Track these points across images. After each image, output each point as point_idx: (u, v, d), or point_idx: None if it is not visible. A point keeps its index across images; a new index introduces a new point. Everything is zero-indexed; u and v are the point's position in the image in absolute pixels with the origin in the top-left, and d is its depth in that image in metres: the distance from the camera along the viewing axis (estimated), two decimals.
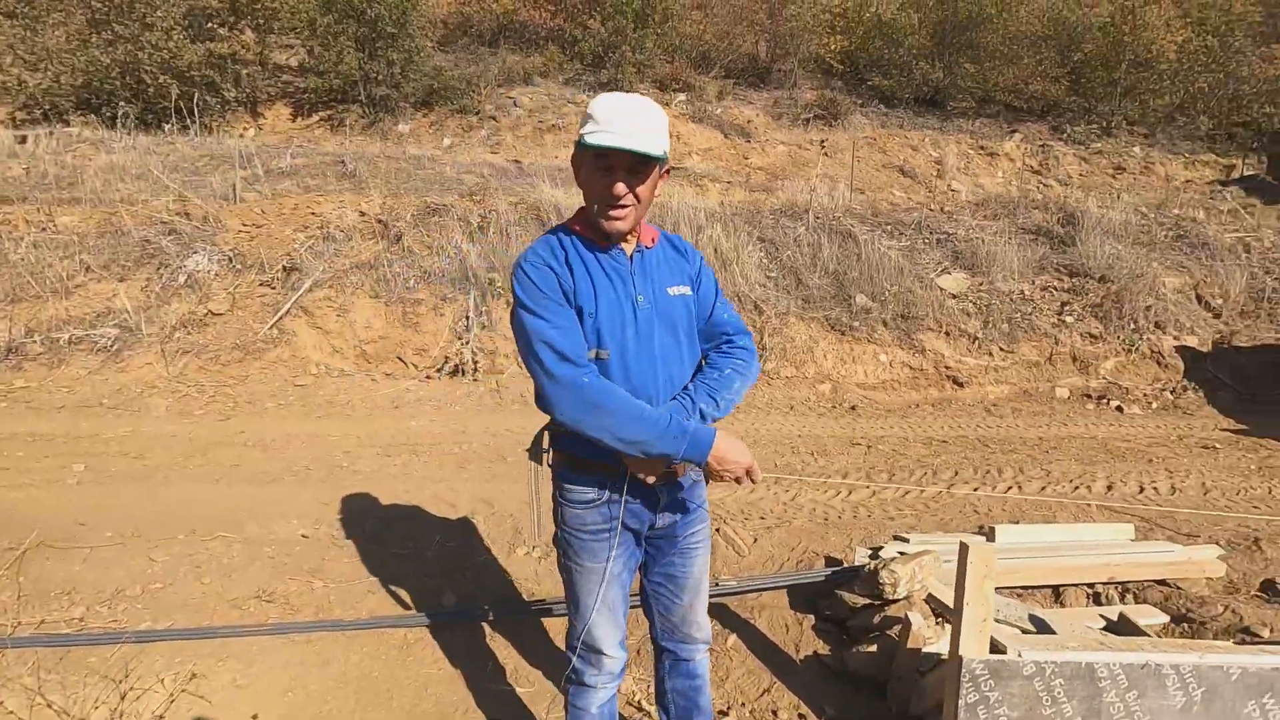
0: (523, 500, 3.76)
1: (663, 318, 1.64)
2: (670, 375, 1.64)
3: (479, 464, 4.45)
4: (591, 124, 1.49)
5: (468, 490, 3.90)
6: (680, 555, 1.76)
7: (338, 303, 6.44)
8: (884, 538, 3.30)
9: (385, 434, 5.01)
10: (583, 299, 1.56)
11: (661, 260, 1.71)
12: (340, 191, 8.12)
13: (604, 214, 1.54)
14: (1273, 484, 4.37)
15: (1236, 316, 7.36)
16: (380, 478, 4.11)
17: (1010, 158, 15.36)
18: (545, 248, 1.60)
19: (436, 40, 15.49)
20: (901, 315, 6.80)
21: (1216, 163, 15.71)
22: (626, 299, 1.60)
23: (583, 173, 1.57)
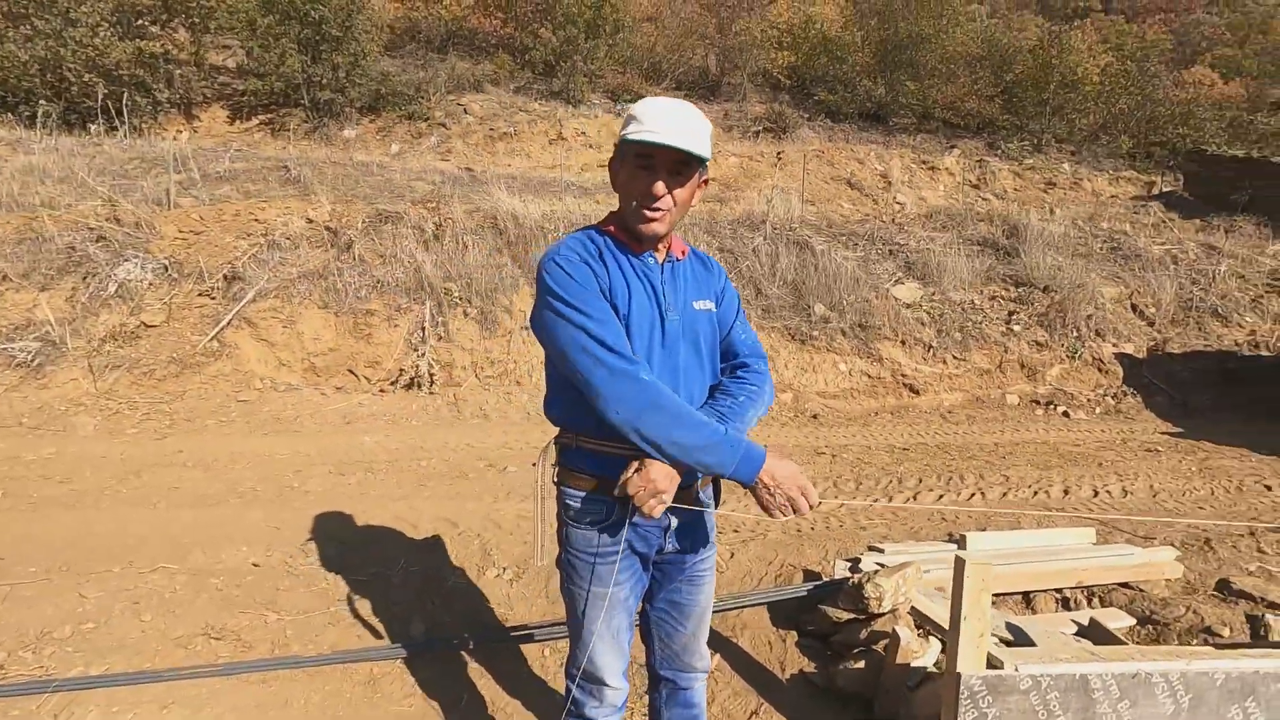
0: (489, 519, 3.62)
1: (688, 332, 1.58)
2: (690, 393, 1.57)
3: (439, 481, 4.27)
4: (635, 124, 1.43)
5: (429, 509, 3.73)
6: (688, 582, 1.68)
7: (284, 313, 6.13)
8: (859, 549, 3.29)
9: (338, 451, 4.77)
10: (617, 297, 1.48)
11: (690, 274, 1.66)
12: (285, 197, 7.78)
13: (640, 214, 1.47)
14: (1213, 485, 4.57)
15: (1168, 325, 7.75)
16: (335, 498, 3.89)
17: (950, 172, 15.93)
18: (578, 243, 1.52)
19: (383, 45, 15.14)
20: (859, 325, 6.91)
21: (1138, 179, 16.66)
22: (655, 308, 1.53)
23: (622, 173, 1.50)
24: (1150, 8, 47.91)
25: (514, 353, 6.36)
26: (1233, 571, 3.24)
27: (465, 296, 6.52)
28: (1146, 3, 49.04)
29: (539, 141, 13.97)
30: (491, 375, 6.27)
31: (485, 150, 13.84)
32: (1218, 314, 7.93)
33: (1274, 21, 40.60)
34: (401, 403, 5.80)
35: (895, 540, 3.53)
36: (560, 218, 7.45)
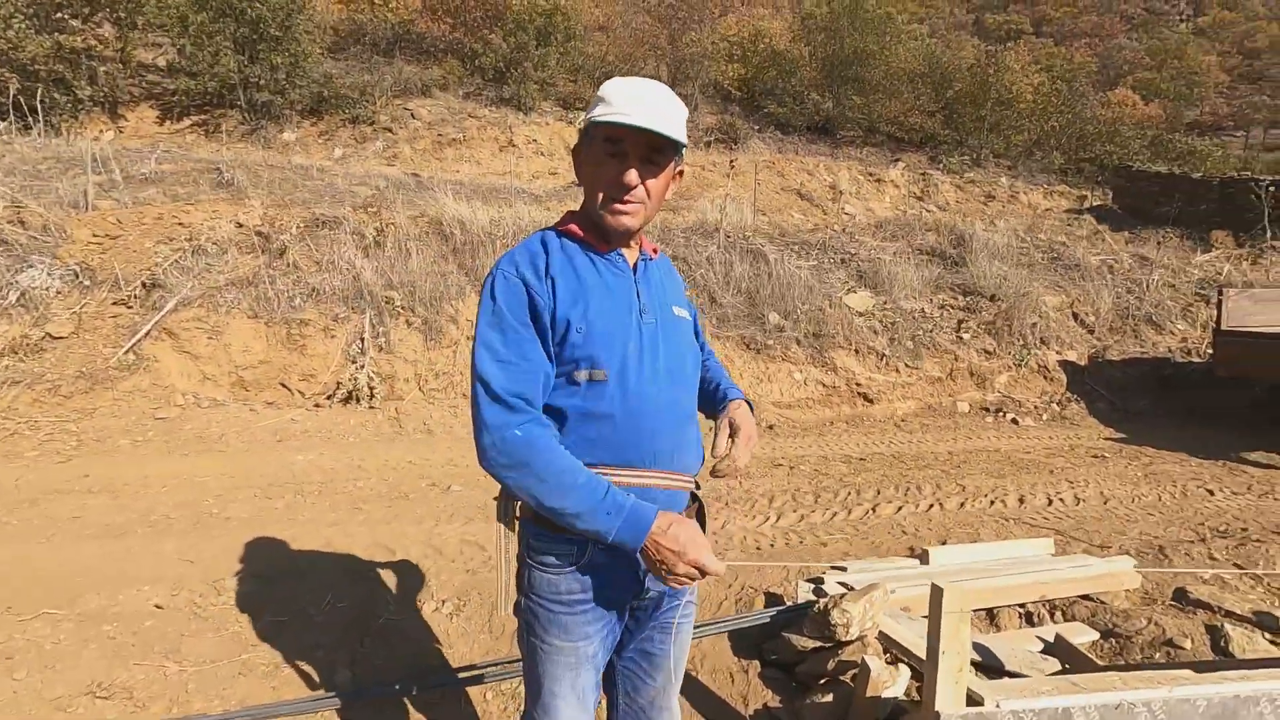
0: (429, 545, 3.36)
1: (669, 336, 1.41)
2: (676, 400, 1.39)
3: (377, 503, 3.98)
4: (603, 105, 1.28)
5: (364, 535, 3.44)
6: (662, 630, 1.48)
7: (209, 323, 5.72)
8: (822, 568, 3.16)
9: (266, 471, 4.42)
10: (569, 310, 1.30)
11: (663, 275, 1.50)
12: (215, 201, 7.32)
13: (609, 207, 1.32)
14: (1159, 491, 4.63)
15: (1107, 332, 7.97)
16: (259, 524, 3.57)
17: (895, 184, 16.28)
18: (524, 253, 1.35)
19: (326, 47, 14.62)
20: (813, 333, 6.87)
21: (1070, 193, 17.36)
22: (629, 310, 1.36)
23: (588, 161, 1.35)
24: (1076, 32, 50.51)
25: (460, 364, 6.08)
26: (1188, 580, 3.23)
27: (408, 305, 6.22)
28: (1073, 28, 51.71)
29: (489, 148, 13.67)
30: (436, 388, 5.97)
31: (433, 156, 13.46)
32: (1152, 322, 8.19)
33: (1187, 48, 43.32)
34: (338, 418, 5.46)
35: (857, 556, 3.42)
36: (509, 224, 7.21)
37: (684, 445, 1.41)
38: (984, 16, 52.10)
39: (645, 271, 1.43)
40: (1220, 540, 3.64)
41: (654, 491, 1.33)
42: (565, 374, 1.31)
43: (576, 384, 1.30)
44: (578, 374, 1.30)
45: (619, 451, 1.31)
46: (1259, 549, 3.47)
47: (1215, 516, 4.13)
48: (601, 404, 1.30)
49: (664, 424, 1.35)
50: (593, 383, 1.30)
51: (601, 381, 1.29)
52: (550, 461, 1.23)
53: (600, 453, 1.30)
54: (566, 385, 1.31)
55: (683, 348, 1.45)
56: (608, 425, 1.30)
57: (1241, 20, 53.62)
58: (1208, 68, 43.85)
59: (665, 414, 1.35)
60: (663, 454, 1.35)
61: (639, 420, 1.31)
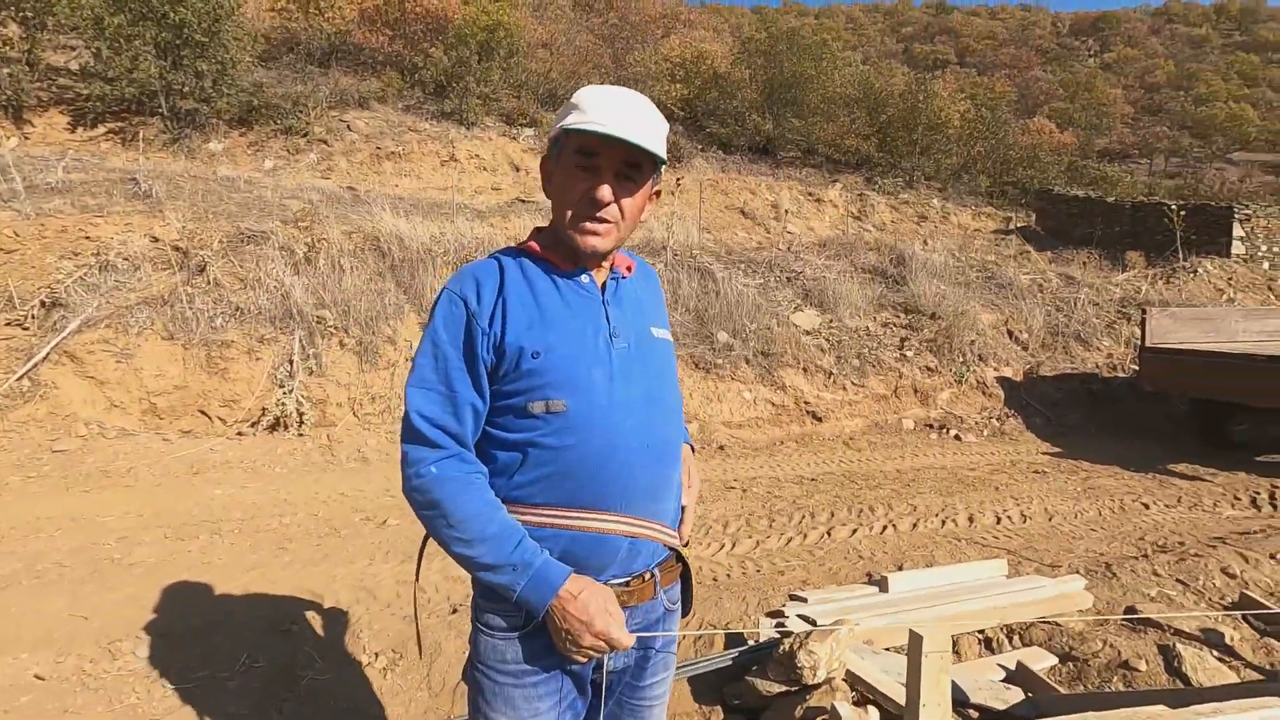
0: (362, 588, 3.10)
1: (646, 362, 1.26)
2: (654, 434, 1.23)
3: (304, 541, 3.68)
4: (576, 113, 1.14)
5: (289, 579, 3.15)
6: (632, 713, 1.31)
7: (118, 346, 5.27)
8: (779, 597, 3.05)
9: (179, 509, 4.05)
10: (520, 335, 1.16)
11: (640, 292, 1.34)
12: (129, 213, 6.82)
13: (578, 225, 1.18)
14: (1099, 505, 4.74)
15: (1040, 349, 8.25)
16: (167, 570, 3.22)
17: (834, 204, 16.70)
18: (473, 274, 1.22)
19: (257, 55, 14.03)
20: (762, 352, 6.85)
21: (996, 215, 18.17)
22: (597, 334, 1.21)
23: (557, 173, 1.22)
24: (997, 64, 53.45)
25: (398, 386, 5.77)
26: (1136, 597, 3.26)
27: (341, 325, 5.89)
28: (994, 59, 54.76)
29: (430, 162, 13.34)
30: (372, 413, 5.65)
31: (371, 170, 13.03)
32: (1080, 339, 8.54)
33: (1095, 81, 46.46)
34: (263, 447, 5.08)
35: (814, 584, 3.33)
36: (450, 241, 6.97)
37: (662, 488, 1.25)
38: (912, 46, 54.66)
39: (616, 291, 1.28)
40: (1162, 555, 3.71)
41: (615, 539, 1.18)
42: (520, 405, 1.17)
43: (534, 415, 1.16)
44: (533, 405, 1.16)
45: (580, 491, 1.16)
46: (1198, 563, 3.55)
47: (1153, 531, 4.24)
48: (563, 437, 1.15)
49: (638, 461, 1.19)
50: (551, 414, 1.15)
51: (561, 413, 1.15)
52: (461, 505, 1.12)
53: (558, 492, 1.16)
54: (523, 417, 1.17)
55: (662, 374, 1.29)
56: (568, 460, 1.15)
57: (1142, 57, 57.92)
58: (1114, 100, 47.10)
59: (640, 450, 1.20)
60: (635, 496, 1.19)
61: (608, 455, 1.16)
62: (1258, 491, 5.16)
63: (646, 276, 1.40)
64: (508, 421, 1.18)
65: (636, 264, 1.37)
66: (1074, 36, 61.20)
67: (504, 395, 1.18)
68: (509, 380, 1.16)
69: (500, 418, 1.19)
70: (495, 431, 1.19)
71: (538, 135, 14.78)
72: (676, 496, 1.30)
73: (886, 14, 64.29)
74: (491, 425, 1.20)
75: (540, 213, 10.25)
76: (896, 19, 62.34)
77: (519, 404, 1.16)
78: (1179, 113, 45.68)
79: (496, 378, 1.17)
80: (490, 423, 1.20)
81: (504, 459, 1.18)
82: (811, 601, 2.96)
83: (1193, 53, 57.55)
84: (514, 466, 1.17)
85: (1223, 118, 42.20)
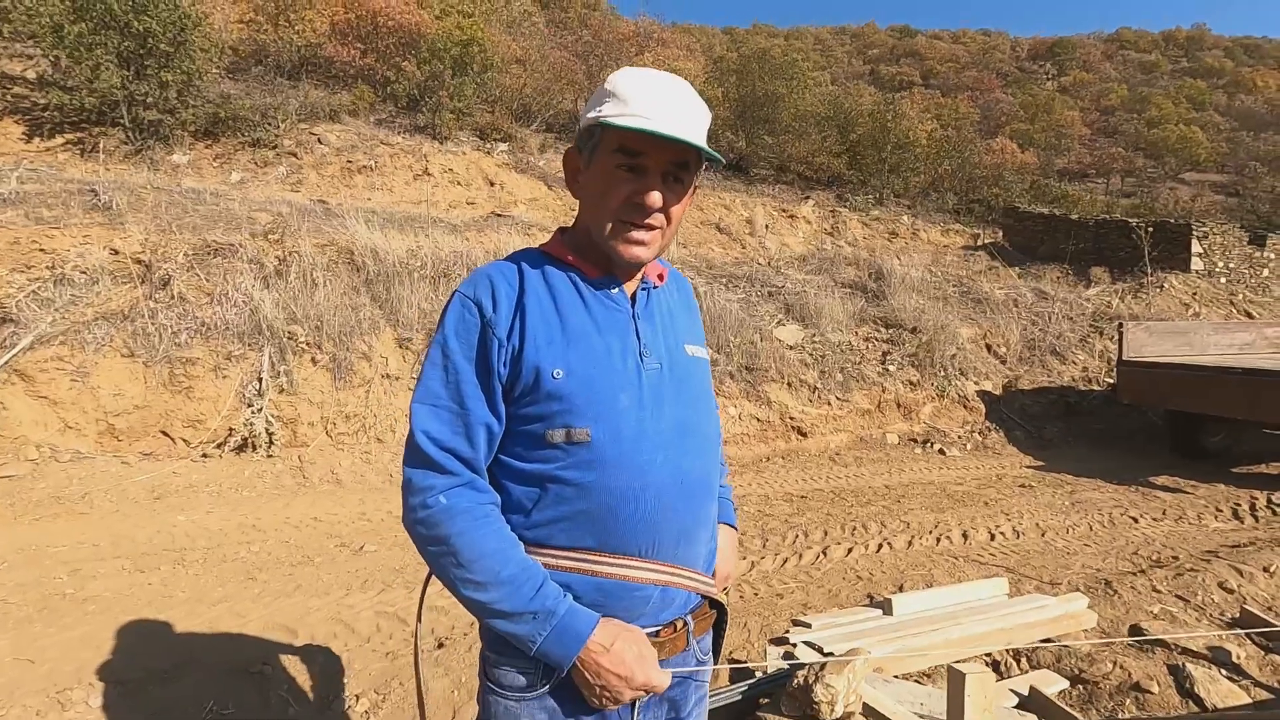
0: (338, 620, 2.90)
1: (680, 385, 1.11)
2: (688, 469, 1.08)
3: (275, 571, 3.46)
4: (615, 102, 1.00)
5: (259, 613, 2.94)
6: None
7: (73, 363, 4.98)
8: (781, 622, 2.93)
9: (138, 538, 3.79)
10: (541, 352, 1.02)
11: (674, 305, 1.20)
12: (88, 225, 6.51)
13: (621, 234, 1.04)
14: (1089, 520, 4.72)
15: (1018, 363, 8.33)
16: (126, 605, 2.99)
17: (808, 220, 16.86)
18: (490, 276, 1.06)
19: (225, 67, 13.72)
20: (746, 367, 6.78)
21: (964, 231, 18.53)
22: (625, 353, 1.07)
23: (593, 172, 1.06)
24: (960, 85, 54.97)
25: (373, 405, 5.57)
26: (1139, 615, 3.21)
27: (314, 341, 5.67)
28: (957, 81, 56.32)
29: (403, 176, 13.13)
30: (346, 432, 5.43)
31: (342, 183, 12.77)
32: (1056, 352, 8.64)
33: (1054, 103, 48.04)
34: (230, 470, 4.83)
35: (815, 607, 3.22)
36: (428, 254, 6.79)
37: (697, 530, 1.11)
38: (879, 68, 55.99)
39: (647, 304, 1.14)
40: (1158, 571, 3.68)
41: (646, 588, 1.04)
42: (538, 432, 1.03)
43: (553, 445, 1.02)
44: (553, 433, 1.02)
45: (606, 534, 1.03)
46: (1195, 578, 3.52)
47: (1145, 545, 4.22)
48: (585, 472, 1.01)
49: (670, 499, 1.05)
50: (573, 444, 1.01)
51: (584, 443, 1.01)
52: (474, 541, 0.98)
53: (581, 534, 1.03)
54: (540, 447, 1.03)
55: (698, 399, 1.15)
56: (593, 499, 1.02)
57: (1097, 81, 60.08)
58: (1072, 121, 48.71)
59: (673, 487, 1.06)
60: (667, 540, 1.06)
61: (637, 494, 1.02)
62: (1238, 503, 5.20)
63: (680, 287, 1.27)
64: (523, 450, 1.04)
65: (670, 272, 1.23)
66: (1032, 60, 63.29)
67: (519, 419, 1.04)
68: (525, 403, 1.03)
69: (514, 445, 1.05)
70: (509, 460, 1.05)
71: (511, 150, 14.70)
72: (713, 536, 1.16)
73: (853, 36, 65.86)
74: (505, 452, 1.06)
75: (516, 228, 10.11)
76: (863, 41, 63.89)
77: (537, 431, 1.03)
78: (1133, 134, 47.40)
79: (511, 398, 1.04)
80: (503, 449, 1.06)
81: (518, 494, 1.04)
82: (816, 627, 2.85)
83: (1144, 77, 59.92)
84: (530, 503, 1.03)
85: (1174, 139, 43.87)
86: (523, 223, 10.96)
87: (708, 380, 1.22)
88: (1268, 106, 51.02)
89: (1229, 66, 60.79)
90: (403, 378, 5.75)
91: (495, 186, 13.80)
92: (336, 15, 15.19)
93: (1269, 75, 57.97)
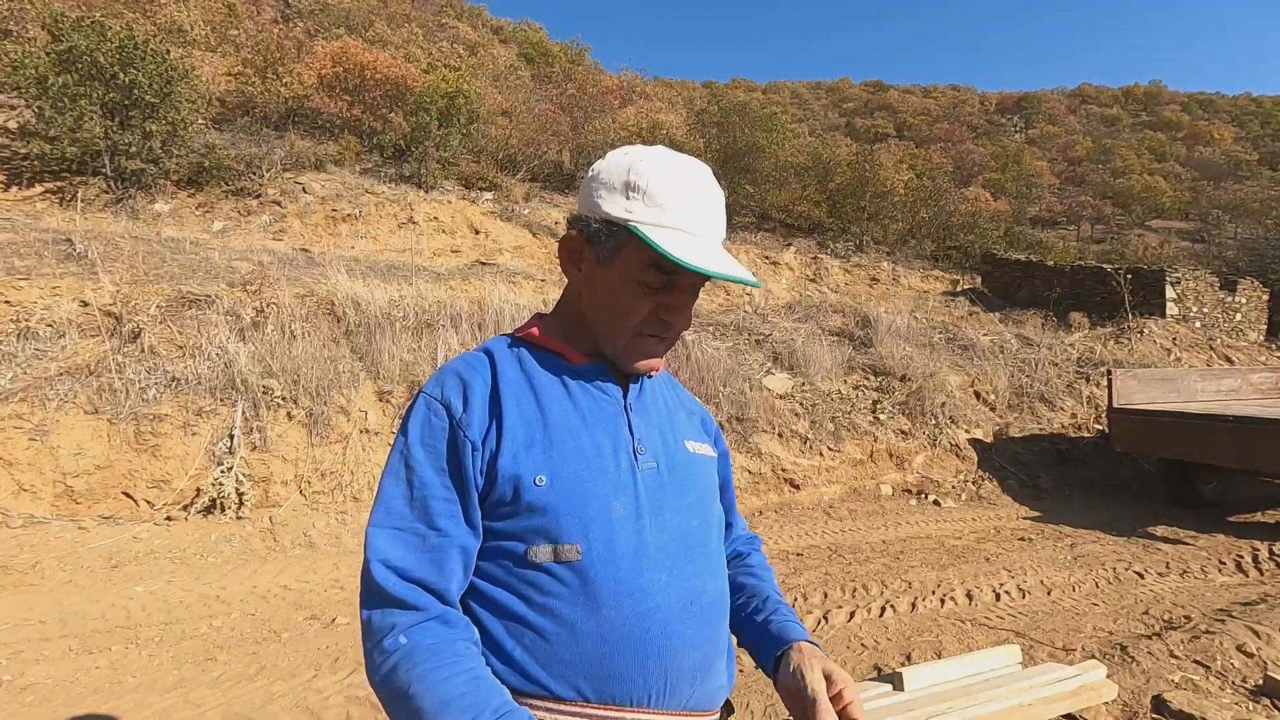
0: (305, 709, 2.65)
1: (681, 488, 0.96)
2: (694, 590, 0.91)
3: (237, 649, 3.20)
4: (647, 203, 0.88)
5: (216, 701, 2.68)
6: None
7: (32, 421, 4.74)
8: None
9: (90, 613, 3.52)
10: (521, 457, 0.87)
11: (668, 396, 1.07)
12: (59, 276, 6.33)
13: (641, 346, 0.94)
14: (1094, 576, 4.57)
15: (1007, 410, 8.28)
16: (69, 695, 2.72)
17: (790, 267, 17.04)
18: (456, 372, 0.92)
19: (211, 117, 13.77)
20: (736, 417, 6.65)
21: (944, 277, 18.82)
22: (617, 451, 0.92)
23: (611, 277, 0.92)
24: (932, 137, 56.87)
25: (350, 462, 5.34)
26: (1160, 684, 3.04)
27: (290, 395, 5.46)
28: (929, 133, 58.26)
29: (387, 224, 13.10)
30: (321, 491, 5.19)
31: (326, 231, 12.71)
32: (1044, 399, 8.62)
33: (1023, 154, 49.77)
34: (195, 534, 4.56)
35: None
36: (410, 304, 6.66)
37: (716, 660, 0.94)
38: (854, 120, 57.88)
39: (640, 394, 1.00)
40: (1173, 633, 3.52)
41: None
42: (518, 551, 0.87)
43: (536, 566, 0.86)
44: (535, 550, 0.86)
45: (605, 680, 0.85)
46: (1212, 641, 3.37)
47: (1155, 603, 4.07)
48: (577, 603, 0.85)
49: (680, 630, 0.88)
50: (561, 563, 0.85)
51: (573, 562, 0.85)
52: (437, 686, 0.78)
53: (572, 676, 0.84)
54: (522, 566, 0.86)
55: (703, 503, 1.00)
56: (588, 636, 0.84)
57: (1063, 133, 62.48)
58: (1041, 171, 50.42)
59: (682, 612, 0.89)
60: (673, 680, 0.88)
61: (641, 629, 0.86)
62: (1241, 555, 5.09)
63: (672, 384, 1.13)
64: (500, 573, 0.87)
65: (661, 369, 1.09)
66: (1000, 114, 65.86)
67: (495, 534, 0.88)
68: (504, 516, 0.87)
69: (490, 565, 0.88)
70: (484, 585, 0.88)
71: (496, 199, 14.78)
72: (730, 659, 0.98)
73: (829, 90, 68.35)
74: (479, 574, 0.88)
75: (501, 276, 10.03)
76: (838, 95, 66.29)
77: (516, 549, 0.86)
78: (1100, 184, 49.09)
79: (486, 511, 0.88)
80: (476, 570, 0.89)
81: (496, 630, 0.86)
82: None
83: (1107, 130, 62.49)
84: (511, 642, 0.85)
85: (1139, 189, 45.49)
86: (507, 270, 10.90)
87: (712, 482, 1.06)
88: (1225, 157, 53.27)
89: (1186, 120, 63.68)
90: (383, 432, 5.55)
91: (480, 235, 13.81)
92: (324, 69, 15.39)
93: (1224, 129, 60.78)
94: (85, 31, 10.77)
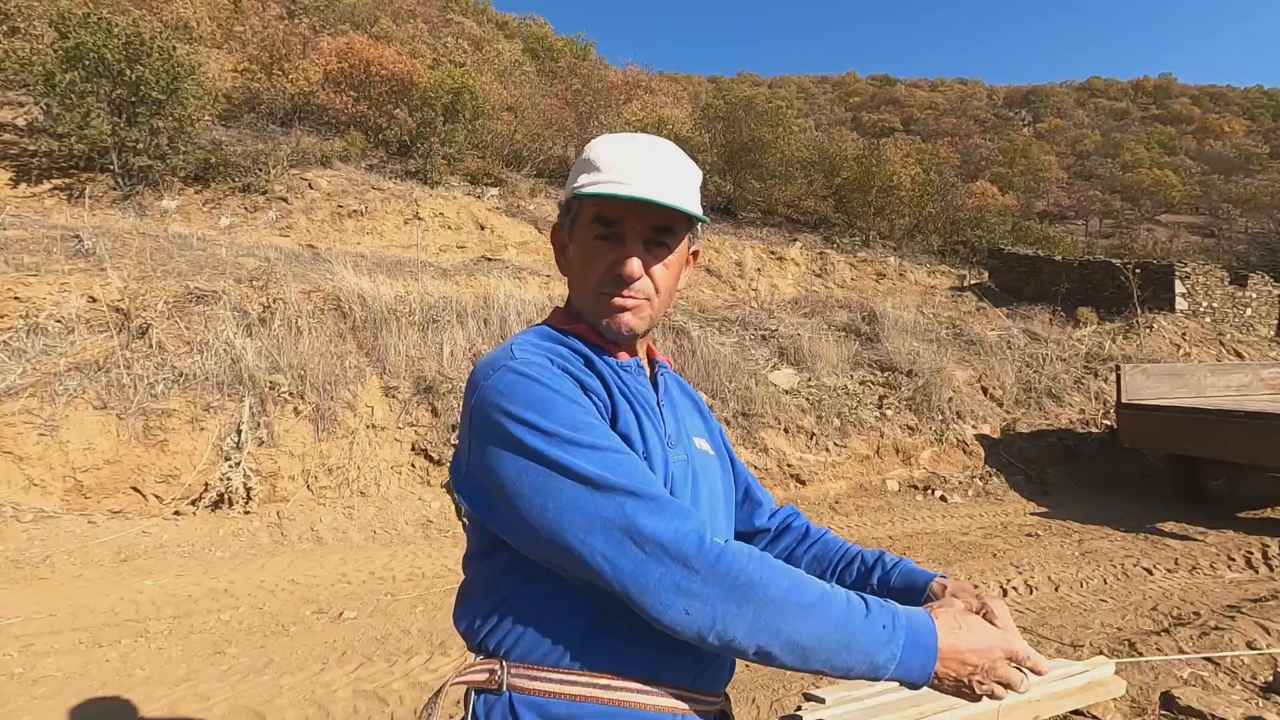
0: (312, 702, 2.67)
1: (701, 479, 0.98)
2: None
3: (245, 643, 3.21)
4: (590, 171, 0.91)
5: (224, 694, 2.70)
6: None
7: (42, 416, 4.77)
8: (792, 697, 2.72)
9: (100, 607, 3.54)
10: (628, 424, 0.89)
11: (679, 393, 1.09)
12: (67, 272, 6.36)
13: (605, 305, 0.92)
14: (1102, 572, 4.55)
15: (1014, 405, 8.24)
16: (79, 687, 2.74)
17: (796, 262, 16.97)
18: (543, 347, 0.91)
19: (218, 114, 13.81)
20: (742, 413, 6.63)
21: (950, 272, 18.72)
22: (657, 444, 0.92)
23: (574, 245, 0.96)
24: (939, 131, 56.59)
25: (357, 456, 5.36)
26: (1169, 680, 3.03)
27: (297, 391, 5.48)
28: (936, 128, 57.96)
29: (393, 220, 13.12)
30: (328, 485, 5.21)
31: (332, 228, 12.74)
32: (1052, 394, 8.57)
33: (1031, 148, 49.44)
34: (203, 528, 4.59)
35: (831, 681, 3.01)
36: (416, 299, 6.67)
37: None
38: (860, 115, 57.57)
39: (666, 387, 1.03)
40: (1182, 630, 3.50)
41: (667, 718, 0.87)
42: None
43: None
44: None
45: (659, 661, 0.85)
46: (1221, 638, 3.35)
47: (1164, 600, 4.05)
48: None
49: None
50: None
51: None
52: (777, 576, 0.76)
53: (634, 660, 0.84)
54: None
55: (715, 499, 1.01)
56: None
57: (1071, 127, 62.00)
58: (1049, 165, 50.05)
59: None
60: (705, 662, 0.90)
61: None
62: (1250, 551, 5.05)
63: (679, 382, 1.15)
64: None
65: None
66: (1008, 108, 65.37)
67: None
68: None
69: None
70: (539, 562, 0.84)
71: (502, 194, 14.78)
72: None
73: (835, 85, 67.94)
74: None
75: (507, 271, 10.04)
76: (845, 89, 65.90)
77: None
78: (1109, 178, 48.71)
79: None
80: None
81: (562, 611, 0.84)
82: (830, 702, 2.64)
83: (1115, 124, 61.94)
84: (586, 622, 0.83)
85: (1148, 183, 45.08)
86: (513, 266, 10.90)
87: (726, 471, 1.09)
88: (1236, 151, 52.75)
89: (1196, 113, 63.06)
90: (388, 428, 5.56)
91: (486, 230, 13.81)
92: (330, 65, 15.40)
93: (1235, 122, 60.17)
94: (92, 28, 10.80)
